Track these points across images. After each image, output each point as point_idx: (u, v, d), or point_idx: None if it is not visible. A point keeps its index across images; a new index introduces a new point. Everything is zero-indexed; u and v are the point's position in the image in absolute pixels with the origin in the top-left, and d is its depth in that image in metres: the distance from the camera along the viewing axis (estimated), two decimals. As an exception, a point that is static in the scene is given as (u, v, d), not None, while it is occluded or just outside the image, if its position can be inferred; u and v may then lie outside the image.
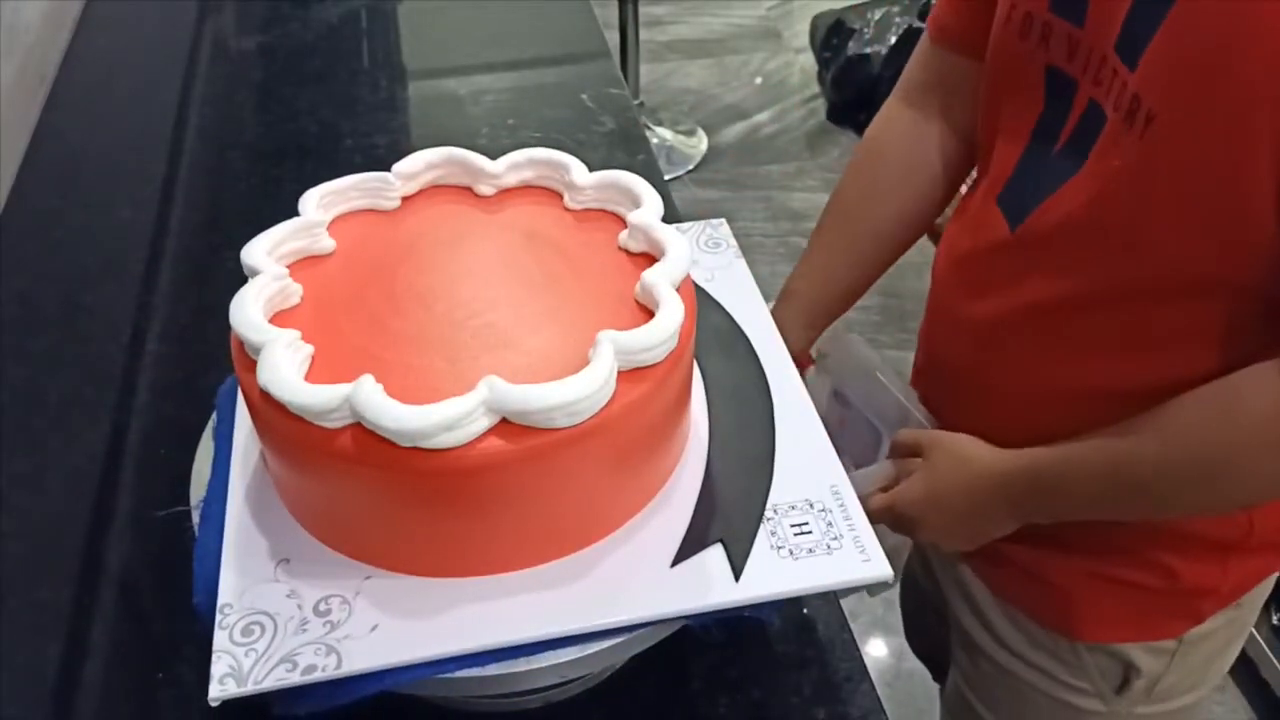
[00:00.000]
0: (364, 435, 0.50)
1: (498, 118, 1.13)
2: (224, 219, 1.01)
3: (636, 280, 0.57)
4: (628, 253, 0.61)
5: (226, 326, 0.55)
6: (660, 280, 0.56)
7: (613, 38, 2.02)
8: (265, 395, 0.51)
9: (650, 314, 0.55)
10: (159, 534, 0.70)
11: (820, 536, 0.56)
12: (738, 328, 0.69)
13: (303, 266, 0.60)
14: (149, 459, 0.77)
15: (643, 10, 2.48)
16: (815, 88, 2.86)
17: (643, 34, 2.52)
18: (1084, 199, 0.62)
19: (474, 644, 0.51)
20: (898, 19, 2.63)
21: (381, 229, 0.64)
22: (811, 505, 0.58)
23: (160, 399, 0.82)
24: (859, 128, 2.66)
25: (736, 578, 0.54)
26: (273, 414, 0.51)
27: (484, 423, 0.49)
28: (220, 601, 0.53)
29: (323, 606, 0.52)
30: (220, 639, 0.51)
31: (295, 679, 0.49)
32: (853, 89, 2.65)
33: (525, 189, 0.67)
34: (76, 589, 0.68)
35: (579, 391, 0.49)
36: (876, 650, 1.52)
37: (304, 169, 1.06)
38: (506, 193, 0.66)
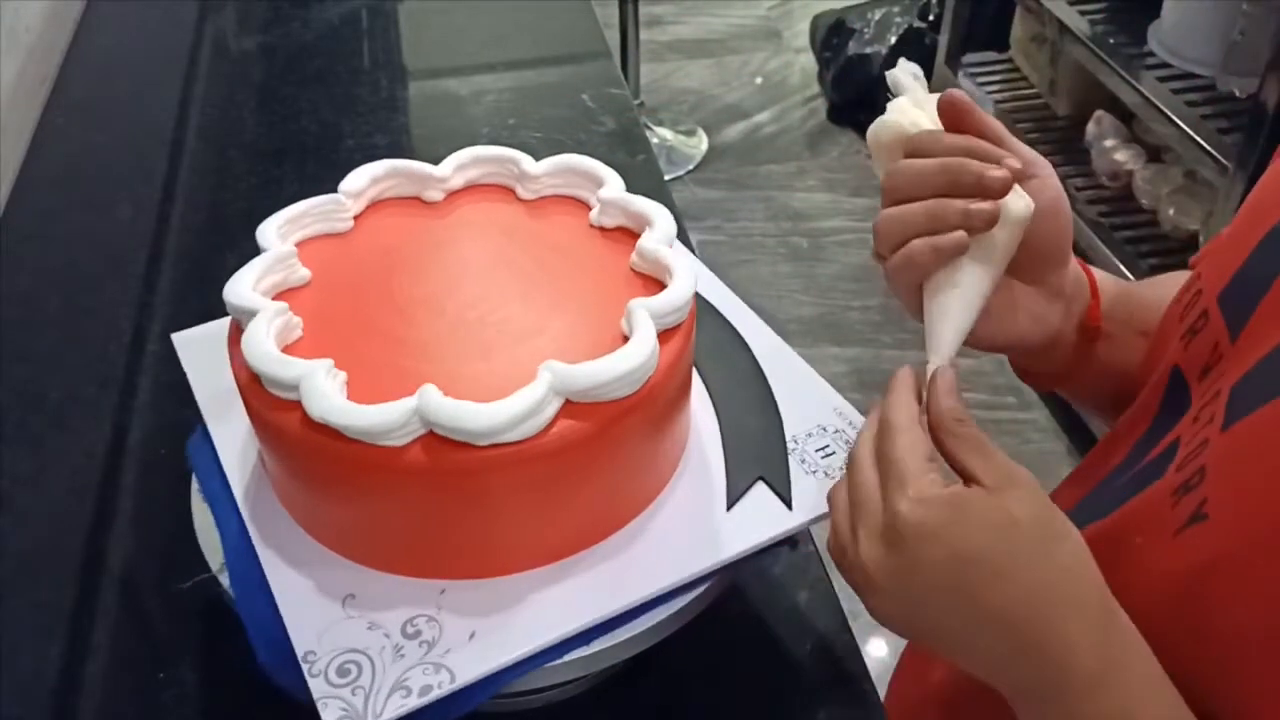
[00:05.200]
0: (435, 444, 0.50)
1: (498, 118, 1.13)
2: (224, 219, 1.01)
3: (621, 253, 0.60)
4: (603, 229, 0.63)
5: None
6: (659, 245, 0.58)
7: (613, 38, 2.02)
8: (316, 427, 0.50)
9: (650, 279, 0.58)
10: (159, 534, 0.70)
11: (843, 454, 0.60)
12: None
13: (285, 299, 0.58)
14: (149, 459, 0.77)
15: (643, 10, 2.48)
16: (815, 88, 2.86)
17: (643, 34, 2.52)
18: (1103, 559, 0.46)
19: (579, 622, 0.52)
20: (898, 19, 2.63)
21: (347, 250, 0.63)
22: (825, 429, 0.62)
23: (160, 399, 0.82)
24: (859, 128, 2.66)
25: (789, 505, 0.57)
26: (327, 444, 0.50)
27: (554, 406, 0.50)
28: (301, 651, 0.51)
29: (410, 629, 0.52)
30: (318, 686, 0.49)
31: (415, 703, 0.48)
32: (853, 89, 2.65)
33: (475, 188, 0.67)
34: (77, 589, 0.68)
35: (636, 359, 0.51)
36: (877, 650, 1.52)
37: (305, 169, 1.06)
38: (456, 195, 0.67)
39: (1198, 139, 1.60)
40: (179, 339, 0.69)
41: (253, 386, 0.53)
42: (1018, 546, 0.43)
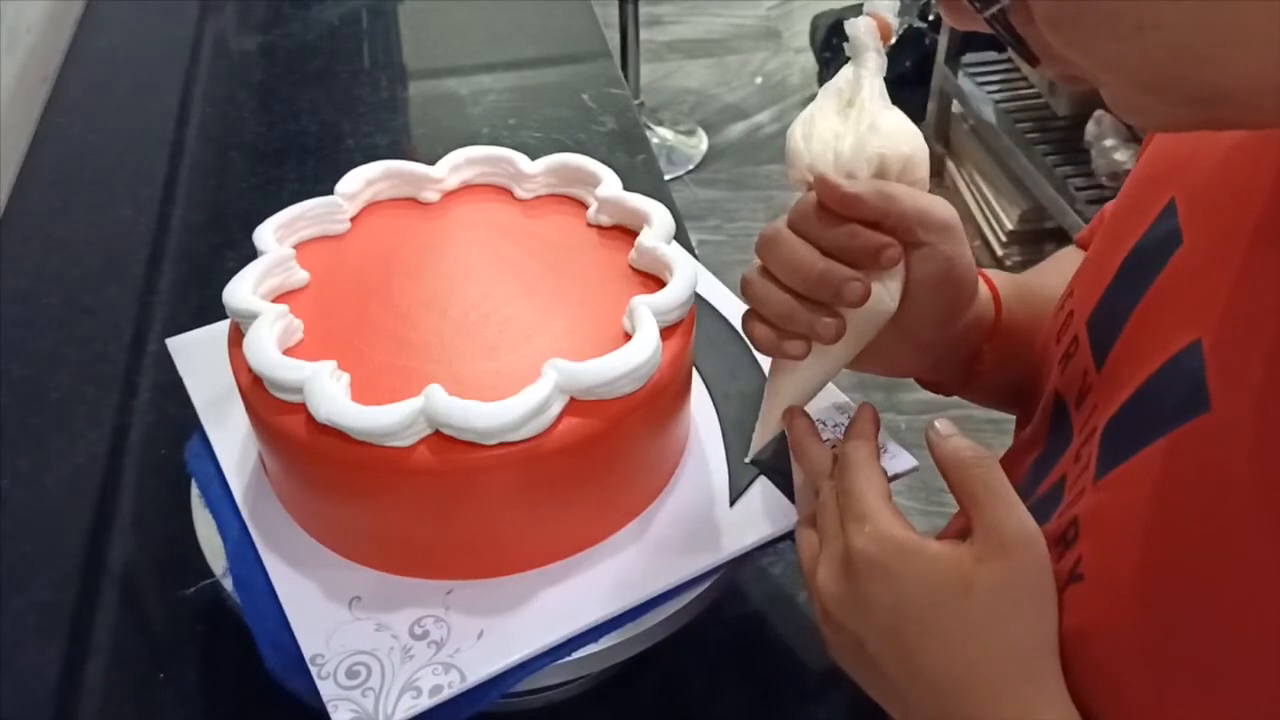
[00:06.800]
0: (441, 444, 0.50)
1: (498, 118, 1.13)
2: (225, 219, 1.01)
3: (620, 251, 0.60)
4: (600, 228, 0.63)
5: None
6: (658, 241, 0.59)
7: (613, 38, 2.02)
8: (321, 429, 0.50)
9: (649, 277, 0.58)
10: (160, 534, 0.70)
11: None
12: None
13: (285, 301, 0.58)
14: (149, 459, 0.77)
15: (643, 10, 2.47)
16: (815, 88, 2.85)
17: (643, 34, 2.52)
18: None
19: (588, 620, 0.52)
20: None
21: (345, 252, 0.63)
22: (824, 424, 0.61)
23: (160, 399, 0.82)
24: (859, 128, 2.65)
25: (791, 499, 0.57)
26: (332, 446, 0.50)
27: (559, 405, 0.50)
28: (309, 654, 0.51)
29: (418, 629, 0.52)
30: (328, 689, 0.49)
31: (426, 703, 0.48)
32: (853, 89, 2.64)
33: (470, 188, 0.67)
34: (77, 589, 0.68)
35: (639, 356, 0.51)
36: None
37: (305, 169, 1.06)
38: (452, 195, 0.67)
39: (1198, 139, 1.60)
40: (173, 343, 0.69)
41: (255, 390, 0.53)
42: (962, 614, 0.41)
